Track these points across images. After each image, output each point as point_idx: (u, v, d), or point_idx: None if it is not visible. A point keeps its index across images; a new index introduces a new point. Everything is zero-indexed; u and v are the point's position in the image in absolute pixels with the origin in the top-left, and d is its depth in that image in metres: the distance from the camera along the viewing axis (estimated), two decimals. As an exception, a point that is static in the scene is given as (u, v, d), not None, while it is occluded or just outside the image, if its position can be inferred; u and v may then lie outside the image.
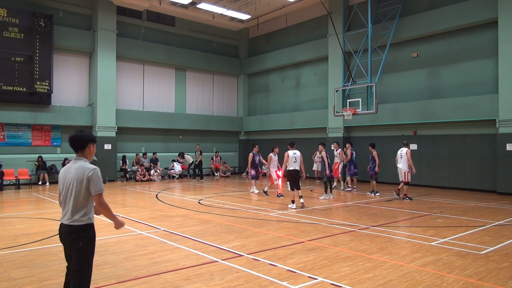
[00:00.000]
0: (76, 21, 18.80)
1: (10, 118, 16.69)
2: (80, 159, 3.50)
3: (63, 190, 3.49)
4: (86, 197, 3.42)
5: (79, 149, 3.51)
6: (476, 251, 6.27)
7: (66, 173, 3.48)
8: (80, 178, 3.37)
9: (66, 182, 3.45)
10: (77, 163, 3.47)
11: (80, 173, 3.39)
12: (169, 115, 21.52)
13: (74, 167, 3.44)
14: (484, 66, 14.74)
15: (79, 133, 3.53)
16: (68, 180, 3.43)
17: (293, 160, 10.80)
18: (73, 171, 3.42)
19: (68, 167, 3.51)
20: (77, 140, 3.50)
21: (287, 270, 5.24)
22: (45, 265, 5.49)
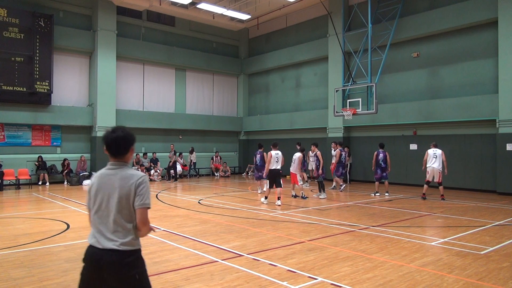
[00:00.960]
0: (76, 21, 18.80)
1: (10, 118, 16.69)
2: (122, 164, 2.73)
3: (97, 203, 2.68)
4: (132, 213, 2.65)
5: (122, 153, 2.73)
6: (476, 251, 6.27)
7: (104, 182, 2.69)
8: (127, 189, 2.61)
9: (105, 194, 2.65)
10: (120, 170, 2.69)
11: (127, 181, 2.63)
12: (169, 115, 21.52)
13: (117, 175, 2.66)
14: (484, 66, 14.74)
15: (121, 133, 2.73)
16: (109, 191, 2.65)
17: (275, 160, 11.30)
18: (116, 180, 2.64)
19: (105, 174, 2.71)
20: (122, 141, 2.71)
21: (287, 270, 5.24)
22: (45, 265, 5.49)
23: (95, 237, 2.64)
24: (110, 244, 2.57)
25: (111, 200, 2.62)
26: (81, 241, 6.92)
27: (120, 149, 2.71)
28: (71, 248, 6.41)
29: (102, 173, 2.73)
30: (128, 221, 2.62)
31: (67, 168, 17.52)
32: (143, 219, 2.62)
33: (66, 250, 6.32)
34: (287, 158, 13.53)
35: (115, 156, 2.72)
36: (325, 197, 12.90)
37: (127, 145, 2.73)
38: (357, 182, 17.96)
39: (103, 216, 2.64)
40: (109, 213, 2.62)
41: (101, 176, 2.72)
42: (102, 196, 2.66)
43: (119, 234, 2.59)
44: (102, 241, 2.60)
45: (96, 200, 2.68)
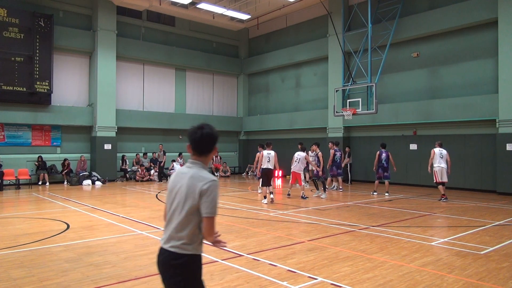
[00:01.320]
0: (76, 21, 18.80)
1: (10, 118, 16.69)
2: (198, 164, 2.59)
3: (170, 202, 2.61)
4: (196, 216, 2.51)
5: (205, 152, 2.62)
6: (476, 251, 6.27)
7: (177, 180, 2.60)
8: (192, 189, 2.49)
9: (174, 192, 2.58)
10: (194, 168, 2.58)
11: (195, 183, 2.50)
12: (169, 115, 21.52)
13: (189, 173, 2.56)
14: (484, 66, 14.74)
15: (209, 130, 2.63)
16: (177, 189, 2.57)
17: (267, 160, 11.53)
18: (186, 179, 2.54)
19: (180, 172, 2.63)
20: (208, 139, 2.61)
21: (287, 270, 5.24)
22: (45, 265, 5.49)
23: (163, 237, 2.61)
24: (169, 246, 2.54)
25: (179, 200, 2.54)
26: (81, 241, 6.92)
27: (203, 148, 2.61)
28: (71, 248, 6.41)
29: (180, 170, 2.66)
30: (185, 223, 2.51)
31: (67, 168, 17.52)
32: (208, 229, 2.49)
33: (66, 250, 6.32)
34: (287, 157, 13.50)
35: (198, 154, 2.61)
36: (325, 197, 12.92)
37: (212, 143, 2.63)
38: (357, 182, 17.96)
39: (171, 216, 2.58)
40: (174, 212, 2.56)
41: (177, 173, 2.66)
42: (172, 192, 2.60)
43: (174, 235, 2.53)
44: (163, 238, 2.59)
45: (169, 198, 2.62)
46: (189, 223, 2.50)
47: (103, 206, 11.03)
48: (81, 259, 5.76)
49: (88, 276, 5.03)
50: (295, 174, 12.53)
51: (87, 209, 10.63)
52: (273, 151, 11.70)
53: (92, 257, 5.87)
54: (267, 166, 11.51)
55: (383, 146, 13.77)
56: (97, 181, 17.42)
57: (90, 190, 15.42)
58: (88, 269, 5.29)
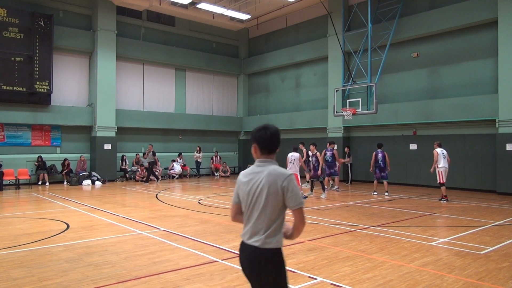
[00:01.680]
0: (76, 21, 18.80)
1: (10, 118, 16.69)
2: (269, 161, 2.71)
3: (248, 200, 2.68)
4: (278, 211, 2.63)
5: (273, 150, 2.72)
6: (476, 251, 6.27)
7: (252, 179, 2.68)
8: (274, 186, 2.60)
9: (251, 191, 2.65)
10: (268, 166, 2.67)
11: (274, 179, 2.60)
12: (169, 115, 21.52)
13: (265, 171, 2.64)
14: (484, 66, 14.75)
15: (274, 130, 2.72)
16: (255, 187, 2.64)
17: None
18: (264, 176, 2.62)
19: (252, 172, 2.71)
20: (275, 138, 2.73)
21: (287, 270, 5.23)
22: (45, 265, 5.49)
23: (245, 233, 2.69)
24: (252, 241, 2.62)
25: (260, 197, 2.62)
26: (81, 241, 6.93)
27: (274, 146, 2.72)
28: (71, 248, 6.41)
29: (251, 169, 2.73)
30: (271, 219, 2.62)
31: (67, 168, 17.52)
32: (301, 218, 2.66)
33: (66, 250, 6.32)
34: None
35: (267, 153, 2.71)
36: (325, 197, 12.94)
37: (278, 141, 2.74)
38: (357, 182, 17.96)
39: (251, 213, 2.66)
40: (257, 210, 2.63)
41: (251, 173, 2.72)
42: (252, 193, 2.65)
43: (258, 230, 2.62)
44: (248, 237, 2.66)
45: (246, 197, 2.69)
46: (273, 218, 2.62)
47: (103, 206, 11.03)
48: (81, 259, 5.76)
49: (88, 276, 5.03)
50: None
51: (87, 209, 10.63)
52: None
53: (92, 257, 5.87)
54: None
55: (379, 146, 13.80)
56: (97, 181, 17.42)
57: (90, 190, 15.42)
58: (88, 269, 5.30)
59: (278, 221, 2.64)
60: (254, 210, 2.64)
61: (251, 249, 2.62)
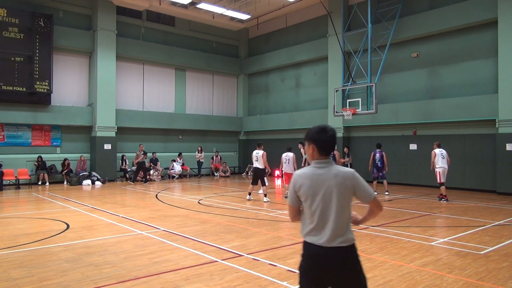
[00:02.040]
0: (76, 21, 18.80)
1: (10, 118, 16.69)
2: (329, 162, 2.73)
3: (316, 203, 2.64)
4: (349, 209, 2.73)
5: (331, 151, 2.75)
6: (476, 251, 6.27)
7: (317, 182, 2.65)
8: (344, 186, 2.63)
9: (321, 193, 2.64)
10: (330, 167, 2.69)
11: (343, 180, 2.64)
12: (169, 115, 21.52)
13: (330, 172, 2.66)
14: (484, 66, 14.75)
15: (332, 131, 2.76)
16: (325, 189, 2.64)
17: (255, 159, 12.06)
18: (331, 179, 2.64)
19: (316, 173, 2.69)
20: (335, 140, 2.77)
21: (287, 270, 5.24)
22: (45, 265, 5.49)
23: (319, 236, 2.65)
24: (337, 243, 2.61)
25: (332, 199, 2.63)
26: (81, 241, 6.93)
27: (332, 147, 2.75)
28: (71, 248, 6.41)
29: (311, 172, 2.70)
30: (347, 218, 2.70)
31: (67, 168, 17.52)
32: (378, 205, 2.81)
33: (66, 250, 6.32)
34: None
35: (326, 153, 2.73)
36: None
37: (335, 143, 2.79)
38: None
39: (325, 216, 2.64)
40: (332, 213, 2.63)
41: (312, 175, 2.69)
42: (319, 195, 2.64)
43: (339, 232, 2.63)
44: (328, 240, 2.62)
45: (312, 199, 2.66)
46: (347, 217, 2.70)
47: (103, 206, 11.03)
48: (81, 259, 5.76)
49: (88, 276, 5.03)
50: (287, 174, 12.89)
51: (87, 209, 10.63)
52: (262, 151, 12.08)
53: (91, 257, 5.87)
54: (255, 165, 12.15)
55: (378, 146, 13.82)
56: (97, 181, 17.42)
57: (90, 190, 15.42)
58: (88, 269, 5.29)
59: (350, 217, 2.75)
60: (328, 212, 2.63)
61: (338, 251, 2.61)
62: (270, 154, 20.16)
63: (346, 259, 2.62)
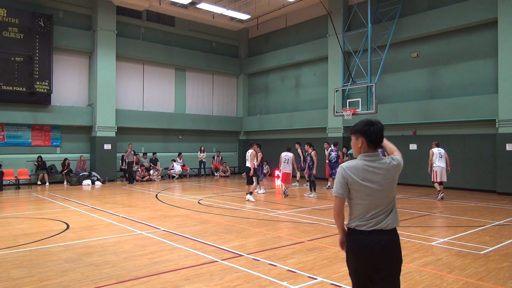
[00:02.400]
0: (76, 21, 18.80)
1: (10, 118, 16.69)
2: (378, 154, 2.89)
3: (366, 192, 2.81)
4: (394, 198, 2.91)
5: (380, 143, 2.92)
6: (476, 251, 6.27)
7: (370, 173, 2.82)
8: (393, 175, 2.85)
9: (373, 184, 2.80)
10: (379, 159, 2.86)
11: (392, 171, 2.85)
12: (169, 115, 21.52)
13: (382, 164, 2.83)
14: (484, 66, 14.74)
15: (380, 124, 2.89)
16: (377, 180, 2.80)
17: (247, 159, 12.24)
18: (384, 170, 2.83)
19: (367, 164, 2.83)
20: (382, 133, 2.93)
21: (287, 270, 5.24)
22: (45, 265, 5.48)
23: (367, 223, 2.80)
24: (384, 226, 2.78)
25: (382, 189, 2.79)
26: (81, 241, 6.92)
27: (380, 139, 2.90)
28: (71, 248, 6.41)
29: (362, 164, 2.84)
30: (392, 206, 2.86)
31: (67, 168, 17.51)
32: None
33: (66, 250, 6.32)
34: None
35: (374, 146, 2.88)
36: (315, 196, 13.01)
37: (383, 136, 2.93)
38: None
39: (375, 203, 2.80)
40: (382, 199, 2.80)
41: (362, 167, 2.83)
42: (370, 186, 2.79)
43: (393, 217, 2.83)
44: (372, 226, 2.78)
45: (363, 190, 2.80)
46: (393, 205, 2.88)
47: (103, 206, 11.03)
48: (81, 259, 5.76)
49: (87, 276, 5.03)
50: (286, 174, 13.19)
51: (87, 209, 10.63)
52: (251, 150, 12.24)
53: (91, 257, 5.87)
54: (247, 165, 12.28)
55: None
56: (96, 181, 17.42)
57: (90, 190, 15.41)
58: (88, 269, 5.29)
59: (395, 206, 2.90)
60: (378, 203, 2.80)
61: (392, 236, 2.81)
62: (270, 154, 20.35)
63: (395, 243, 2.83)
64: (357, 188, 2.81)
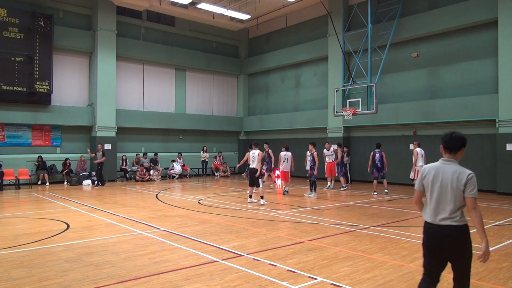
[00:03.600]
0: (76, 21, 18.80)
1: (10, 118, 16.69)
2: (453, 161, 3.45)
3: (435, 189, 3.45)
4: (461, 199, 3.39)
5: (454, 150, 3.44)
6: (476, 251, 6.24)
7: (438, 173, 3.45)
8: (459, 180, 3.35)
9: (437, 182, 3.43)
10: (452, 164, 3.43)
11: (459, 177, 3.35)
12: (169, 115, 21.52)
13: (450, 169, 3.41)
14: (484, 66, 14.74)
15: (458, 133, 3.46)
16: (441, 180, 3.42)
17: (252, 160, 11.67)
18: (450, 173, 3.39)
19: (440, 166, 3.47)
20: (456, 140, 3.43)
21: (287, 270, 5.24)
22: (45, 265, 5.49)
23: (433, 216, 3.48)
24: (449, 221, 3.40)
25: (448, 187, 3.38)
26: (81, 241, 6.93)
27: (455, 145, 3.42)
28: (71, 248, 6.41)
29: (438, 166, 3.49)
30: (457, 204, 3.38)
31: (68, 168, 17.52)
32: (473, 205, 3.37)
33: (66, 250, 6.32)
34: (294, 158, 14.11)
35: (449, 151, 3.46)
36: (315, 196, 13.03)
37: (460, 142, 3.42)
38: (357, 182, 17.96)
39: (440, 199, 3.42)
40: (441, 198, 3.41)
41: (437, 168, 3.48)
42: (439, 183, 3.42)
43: (452, 213, 3.40)
44: (442, 218, 3.43)
45: (434, 187, 3.45)
46: (459, 204, 3.40)
47: (103, 206, 11.04)
48: (81, 259, 5.76)
49: (88, 276, 5.03)
50: (284, 173, 13.39)
51: (87, 209, 10.64)
52: (258, 150, 11.72)
53: (92, 257, 5.87)
54: (252, 166, 11.59)
55: (377, 146, 13.88)
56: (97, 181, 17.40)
57: (90, 190, 15.42)
58: (88, 269, 5.30)
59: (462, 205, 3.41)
60: (442, 198, 3.41)
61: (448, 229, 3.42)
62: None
63: (455, 236, 3.43)
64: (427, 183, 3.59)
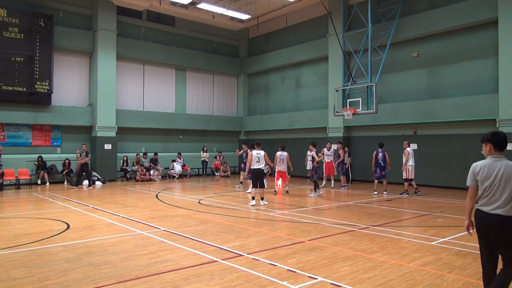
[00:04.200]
0: (76, 21, 18.80)
1: (10, 118, 16.69)
2: (502, 157, 3.89)
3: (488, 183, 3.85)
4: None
5: (504, 147, 3.91)
6: (476, 250, 6.24)
7: (493, 169, 3.85)
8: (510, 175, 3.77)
9: (492, 177, 3.84)
10: (503, 160, 3.86)
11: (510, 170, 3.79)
12: (169, 115, 21.53)
13: (502, 164, 3.83)
14: (484, 66, 14.74)
15: (504, 134, 3.94)
16: (495, 175, 3.82)
17: (256, 160, 11.22)
18: (503, 168, 3.81)
19: (492, 163, 3.88)
20: (505, 139, 3.91)
21: (287, 270, 5.24)
22: (45, 265, 5.49)
23: (487, 206, 3.90)
24: (498, 211, 3.79)
25: (501, 181, 3.79)
26: (81, 241, 6.93)
27: (504, 144, 3.89)
28: (71, 248, 6.41)
29: (489, 162, 3.90)
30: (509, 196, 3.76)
31: (68, 168, 17.52)
32: None
33: (66, 250, 6.32)
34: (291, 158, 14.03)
35: (500, 149, 3.90)
36: (315, 196, 13.06)
37: (506, 143, 3.91)
38: (357, 182, 17.96)
39: (492, 192, 3.83)
40: (498, 190, 3.80)
41: (489, 164, 3.89)
42: (493, 178, 3.83)
43: (505, 204, 3.77)
44: (492, 208, 3.84)
45: (487, 181, 3.87)
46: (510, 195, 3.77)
47: (103, 206, 11.04)
48: (81, 259, 5.76)
49: (88, 276, 5.03)
50: (281, 172, 13.41)
51: (87, 209, 10.64)
52: (263, 151, 11.39)
53: (92, 257, 5.87)
54: (257, 167, 11.18)
55: (380, 146, 13.93)
56: (97, 181, 17.41)
57: (90, 190, 15.41)
58: (88, 269, 5.30)
59: None
60: (497, 191, 3.80)
61: (503, 218, 3.77)
62: (271, 154, 20.20)
63: (504, 224, 3.76)
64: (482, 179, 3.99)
